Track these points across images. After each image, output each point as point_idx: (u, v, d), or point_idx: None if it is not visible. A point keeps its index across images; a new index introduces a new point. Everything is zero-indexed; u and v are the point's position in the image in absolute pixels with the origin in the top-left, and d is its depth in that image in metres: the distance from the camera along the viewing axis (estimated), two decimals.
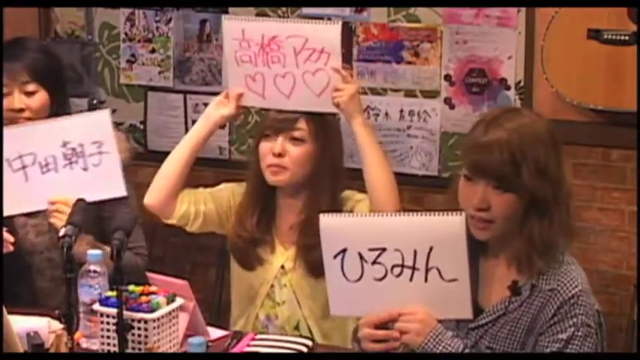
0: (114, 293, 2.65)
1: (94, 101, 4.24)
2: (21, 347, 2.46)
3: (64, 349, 2.56)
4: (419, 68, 3.79)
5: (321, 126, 3.12)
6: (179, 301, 2.79)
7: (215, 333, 2.94)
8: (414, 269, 2.52)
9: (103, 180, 3.15)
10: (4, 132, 3.18)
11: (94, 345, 2.79)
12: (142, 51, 4.19)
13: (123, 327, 2.53)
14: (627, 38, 3.39)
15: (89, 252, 2.85)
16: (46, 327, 2.73)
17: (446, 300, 2.52)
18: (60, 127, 3.19)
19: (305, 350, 2.82)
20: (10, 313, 2.50)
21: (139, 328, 2.68)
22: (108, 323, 2.70)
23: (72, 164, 3.18)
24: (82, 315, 2.80)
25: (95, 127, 3.17)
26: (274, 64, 3.12)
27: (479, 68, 3.71)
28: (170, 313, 2.75)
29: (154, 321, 2.69)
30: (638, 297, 3.31)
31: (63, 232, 2.66)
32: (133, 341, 2.67)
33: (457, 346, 2.50)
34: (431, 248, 2.50)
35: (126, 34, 4.21)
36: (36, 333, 2.65)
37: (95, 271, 2.82)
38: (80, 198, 2.97)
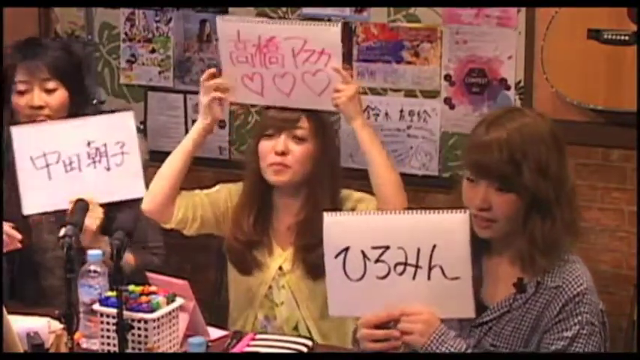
0: (114, 293, 2.65)
1: (94, 101, 4.23)
2: (21, 347, 2.46)
3: (64, 349, 2.56)
4: (419, 68, 3.79)
5: (321, 125, 3.12)
6: (179, 301, 2.79)
7: (215, 333, 2.94)
8: (417, 267, 2.52)
9: (125, 180, 3.18)
10: (29, 129, 3.20)
11: (94, 345, 2.79)
12: (142, 51, 4.19)
13: (123, 327, 2.53)
14: (627, 38, 3.39)
15: (89, 252, 2.86)
16: (46, 327, 2.73)
17: (448, 298, 2.52)
18: (84, 127, 3.21)
19: (305, 350, 2.82)
20: (12, 313, 2.50)
21: (139, 328, 2.68)
22: (108, 323, 2.70)
23: (95, 164, 3.20)
24: (82, 315, 2.79)
25: (118, 128, 3.21)
26: (272, 65, 3.11)
27: (479, 68, 3.71)
28: (170, 313, 2.75)
29: (154, 321, 2.69)
30: (638, 297, 3.31)
31: (63, 232, 2.67)
32: (133, 341, 2.67)
33: (460, 347, 2.50)
34: (434, 246, 2.50)
35: (126, 34, 4.21)
36: (36, 333, 2.65)
37: (95, 271, 2.82)
38: (80, 198, 2.98)
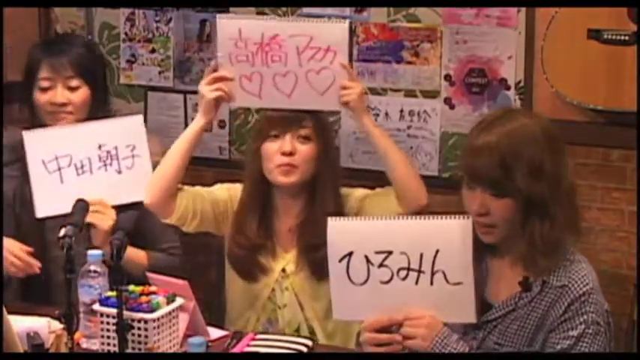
0: (114, 293, 2.65)
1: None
2: (21, 347, 2.46)
3: (64, 349, 2.56)
4: (419, 68, 3.78)
5: (323, 125, 3.12)
6: (179, 301, 2.79)
7: (215, 333, 2.94)
8: (420, 272, 2.52)
9: (135, 183, 3.19)
10: (40, 133, 3.22)
11: (94, 345, 2.79)
12: (142, 51, 4.19)
13: (123, 327, 2.53)
14: (627, 38, 3.39)
15: (89, 252, 2.86)
16: (46, 327, 2.73)
17: (450, 303, 2.53)
18: (96, 130, 3.24)
19: (305, 350, 2.82)
20: (12, 313, 2.50)
21: (139, 328, 2.68)
22: (108, 323, 2.70)
23: (106, 166, 3.22)
24: (82, 315, 2.80)
25: (129, 131, 3.24)
26: (274, 63, 3.11)
27: (479, 68, 3.71)
28: (170, 313, 2.75)
29: (154, 321, 2.69)
30: (638, 297, 3.31)
31: (63, 233, 2.67)
32: (133, 341, 2.67)
33: (462, 350, 2.51)
34: (437, 251, 2.51)
35: (126, 34, 4.21)
36: (36, 333, 2.65)
37: (95, 271, 2.82)
38: (80, 198, 2.97)
